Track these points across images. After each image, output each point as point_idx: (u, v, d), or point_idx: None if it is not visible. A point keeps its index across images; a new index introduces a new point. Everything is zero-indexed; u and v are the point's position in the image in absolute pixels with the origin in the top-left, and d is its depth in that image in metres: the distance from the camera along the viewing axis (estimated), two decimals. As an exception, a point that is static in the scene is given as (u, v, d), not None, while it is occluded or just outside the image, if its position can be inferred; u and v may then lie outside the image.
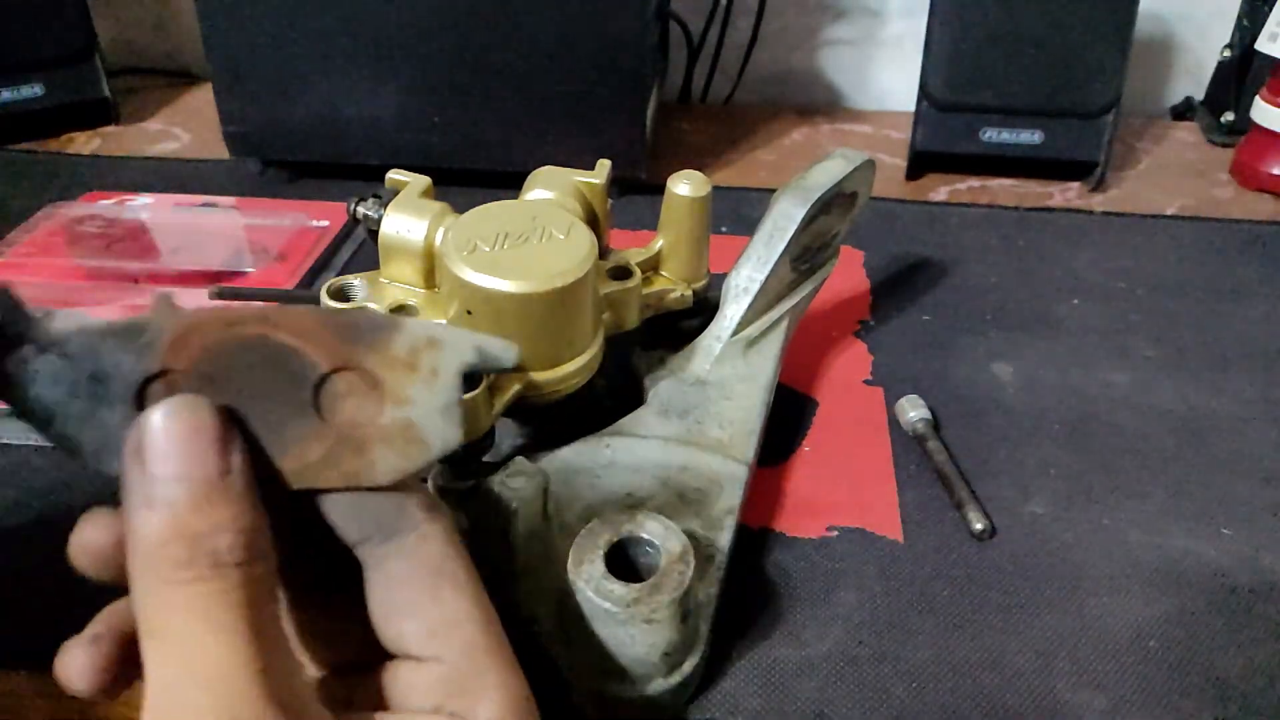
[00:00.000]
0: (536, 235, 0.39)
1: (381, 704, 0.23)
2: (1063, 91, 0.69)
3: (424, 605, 0.23)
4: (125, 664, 0.23)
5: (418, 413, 0.22)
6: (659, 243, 0.45)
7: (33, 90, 0.76)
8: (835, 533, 0.42)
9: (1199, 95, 0.85)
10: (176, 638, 0.20)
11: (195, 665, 0.19)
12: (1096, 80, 0.68)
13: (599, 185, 0.43)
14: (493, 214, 0.40)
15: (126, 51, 0.94)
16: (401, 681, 0.23)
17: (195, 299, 0.54)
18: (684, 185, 0.44)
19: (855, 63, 0.90)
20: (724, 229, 0.64)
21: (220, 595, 0.20)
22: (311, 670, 0.25)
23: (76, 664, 0.23)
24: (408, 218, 0.39)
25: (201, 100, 0.86)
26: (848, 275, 0.60)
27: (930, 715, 0.34)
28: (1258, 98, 0.72)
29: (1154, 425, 0.48)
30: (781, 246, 0.45)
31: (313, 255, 0.60)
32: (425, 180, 0.42)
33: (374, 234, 0.40)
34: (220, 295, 0.53)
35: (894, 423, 0.48)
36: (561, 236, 0.39)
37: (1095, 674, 0.36)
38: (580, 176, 0.43)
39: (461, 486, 0.38)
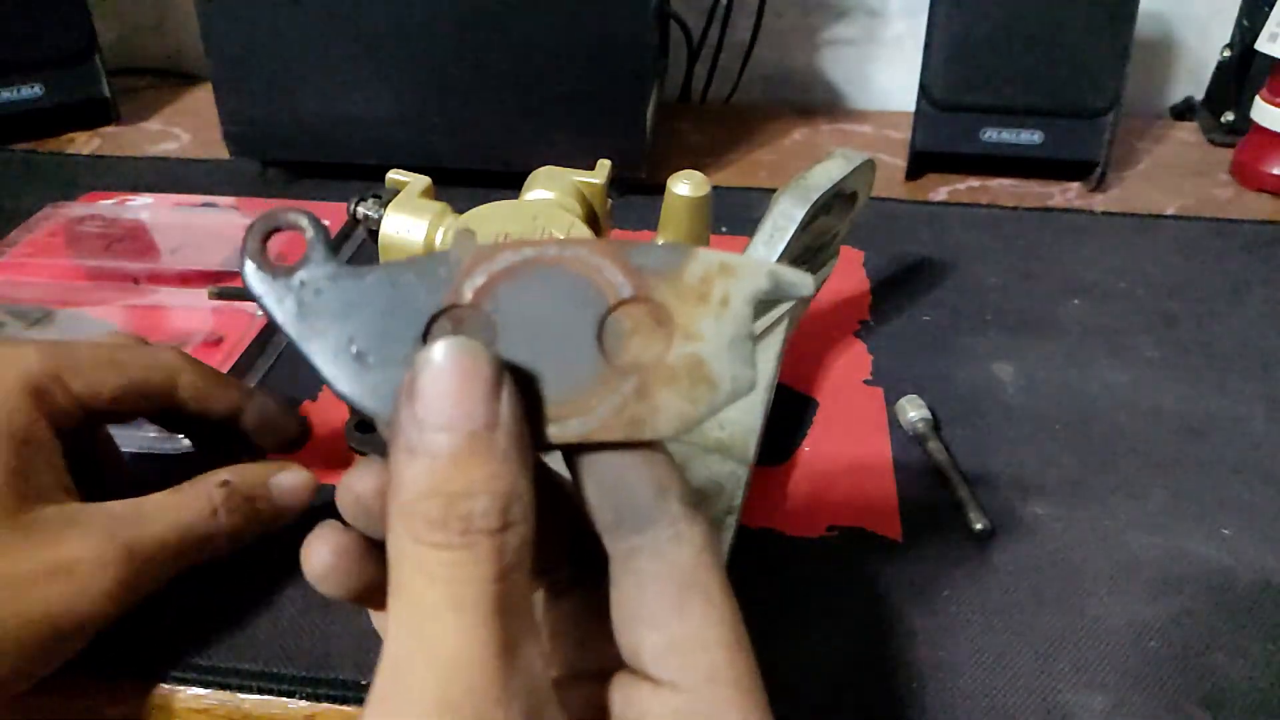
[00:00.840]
0: (536, 235, 0.39)
1: (598, 712, 0.21)
2: (1063, 91, 0.69)
3: (666, 616, 0.20)
4: (370, 567, 0.22)
5: (707, 349, 0.20)
6: (659, 243, 0.45)
7: (33, 90, 0.76)
8: (835, 533, 0.42)
9: (1199, 95, 0.85)
10: (416, 605, 0.18)
11: (429, 641, 0.18)
12: (1096, 80, 0.68)
13: (599, 185, 0.43)
14: (493, 214, 0.40)
15: (126, 51, 0.94)
16: (634, 704, 0.21)
17: (195, 299, 0.54)
18: (684, 185, 0.44)
19: (855, 63, 0.90)
20: (724, 229, 0.64)
21: (466, 566, 0.18)
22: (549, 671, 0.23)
23: (319, 551, 0.22)
24: (408, 218, 0.40)
25: (201, 100, 0.86)
26: (848, 275, 0.60)
27: (930, 715, 0.34)
28: (1258, 98, 0.72)
29: (1154, 425, 0.48)
30: (781, 246, 0.45)
31: (313, 255, 0.60)
32: (425, 180, 0.42)
33: (374, 234, 0.41)
34: (220, 295, 0.53)
35: (894, 423, 0.48)
36: (561, 236, 0.39)
37: (1095, 674, 0.36)
38: (580, 176, 0.43)
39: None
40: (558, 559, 0.23)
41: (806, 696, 0.35)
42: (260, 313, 0.54)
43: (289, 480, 0.36)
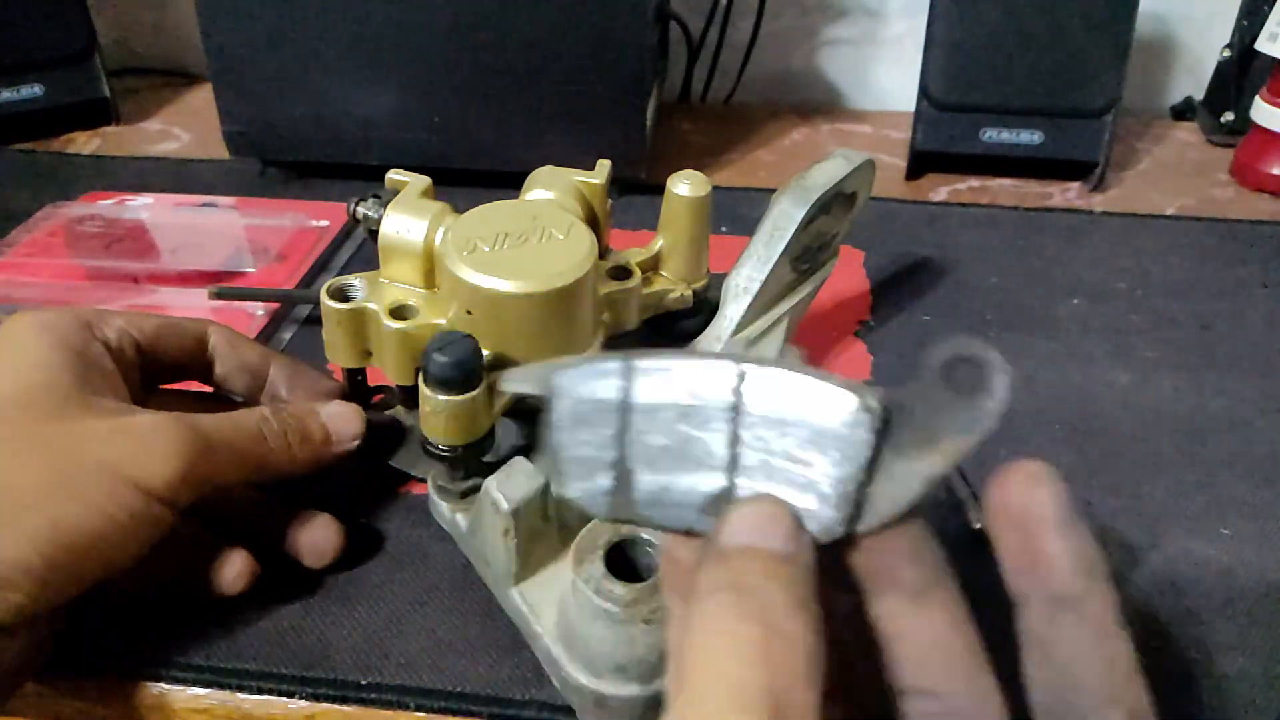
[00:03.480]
0: (536, 235, 0.39)
1: None
2: (1063, 91, 0.69)
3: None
4: None
5: None
6: (659, 243, 0.45)
7: (33, 90, 0.76)
8: (835, 533, 0.41)
9: (1199, 95, 0.85)
10: (696, 698, 0.18)
11: None
12: (1096, 80, 0.68)
13: (599, 185, 0.43)
14: (493, 214, 0.40)
15: (126, 51, 0.94)
16: None
17: (195, 299, 0.54)
18: (684, 185, 0.44)
19: (855, 63, 0.90)
20: (724, 229, 0.64)
21: (755, 662, 0.18)
22: None
23: None
24: (407, 218, 0.39)
25: (201, 100, 0.86)
26: (848, 275, 0.60)
27: (930, 715, 0.34)
28: (1258, 98, 0.72)
29: (1154, 425, 0.48)
30: (781, 246, 0.45)
31: (313, 255, 0.60)
32: (425, 180, 0.42)
33: (374, 234, 0.40)
34: (220, 295, 0.53)
35: (894, 423, 0.48)
36: (561, 236, 0.39)
37: (1095, 674, 0.36)
38: (580, 176, 0.43)
39: (460, 487, 0.38)
40: None
41: (806, 696, 0.35)
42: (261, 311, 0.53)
43: (337, 408, 0.39)
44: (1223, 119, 0.79)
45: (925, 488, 0.20)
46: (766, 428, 0.21)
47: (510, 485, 0.33)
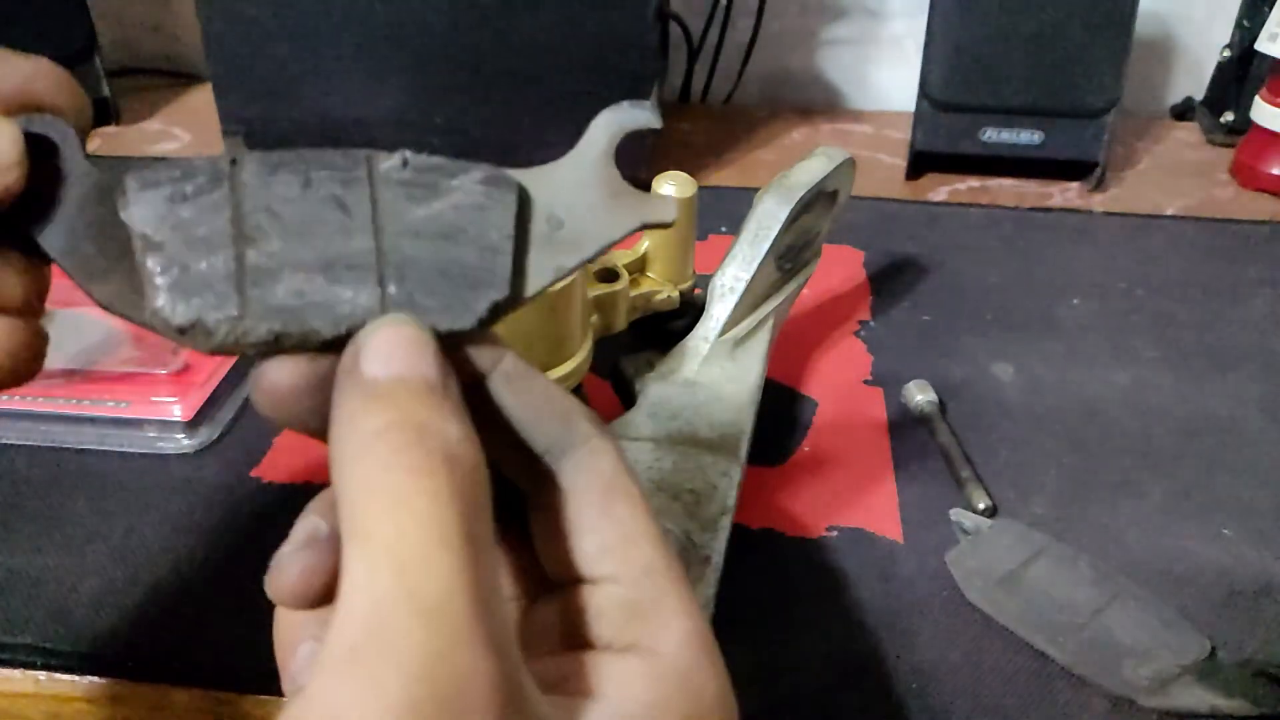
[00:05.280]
0: None
1: (555, 638, 0.21)
2: (1063, 91, 0.69)
3: (597, 521, 0.21)
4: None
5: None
6: (644, 244, 0.45)
7: (33, 90, 0.76)
8: (835, 533, 0.42)
9: (1199, 95, 0.85)
10: (391, 544, 0.17)
11: (412, 583, 0.16)
12: (1096, 80, 0.68)
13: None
14: None
15: (126, 51, 0.94)
16: (574, 610, 0.21)
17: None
18: (669, 186, 0.44)
19: (855, 63, 0.90)
20: (723, 229, 0.64)
21: (448, 498, 0.17)
22: None
23: (286, 577, 0.21)
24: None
25: (201, 100, 0.86)
26: (848, 275, 0.60)
27: (929, 715, 0.34)
28: (1258, 98, 0.72)
29: (1154, 425, 0.48)
30: (766, 246, 0.45)
31: (312, 255, 0.60)
32: None
33: None
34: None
35: (894, 423, 0.48)
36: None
37: (1095, 674, 0.36)
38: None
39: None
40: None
41: (806, 696, 0.35)
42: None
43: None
44: (1223, 119, 0.79)
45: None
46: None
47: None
